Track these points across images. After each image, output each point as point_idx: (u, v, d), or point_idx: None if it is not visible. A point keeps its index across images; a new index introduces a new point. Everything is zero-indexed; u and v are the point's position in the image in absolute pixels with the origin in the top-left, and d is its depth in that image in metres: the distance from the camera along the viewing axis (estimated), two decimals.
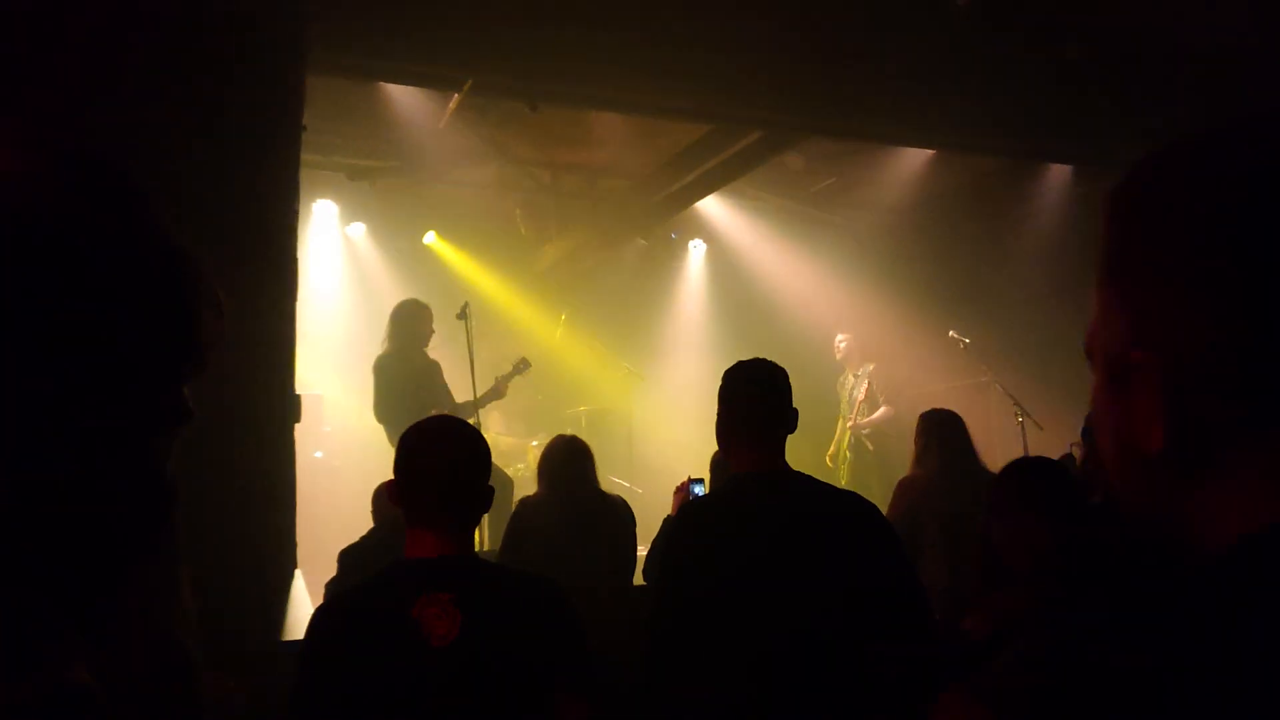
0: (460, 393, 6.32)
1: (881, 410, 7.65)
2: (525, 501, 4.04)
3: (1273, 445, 0.53)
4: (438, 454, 1.88)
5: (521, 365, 6.61)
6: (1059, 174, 7.61)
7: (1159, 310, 0.57)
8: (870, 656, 2.01)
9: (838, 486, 2.49)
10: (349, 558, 3.88)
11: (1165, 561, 0.56)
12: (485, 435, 5.53)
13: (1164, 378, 0.56)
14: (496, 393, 6.49)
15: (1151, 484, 0.58)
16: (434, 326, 6.31)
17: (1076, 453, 3.73)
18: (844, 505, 2.34)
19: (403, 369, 5.96)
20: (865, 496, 2.45)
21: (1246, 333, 0.52)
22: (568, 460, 4.01)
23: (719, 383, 2.47)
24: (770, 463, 2.34)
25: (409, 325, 6.13)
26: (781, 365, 2.45)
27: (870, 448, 7.66)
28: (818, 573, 2.16)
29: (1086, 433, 3.54)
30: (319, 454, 7.46)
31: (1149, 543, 0.58)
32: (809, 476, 2.38)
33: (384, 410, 6.00)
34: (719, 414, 2.43)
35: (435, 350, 7.44)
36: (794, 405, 2.42)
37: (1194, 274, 0.55)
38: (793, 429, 2.41)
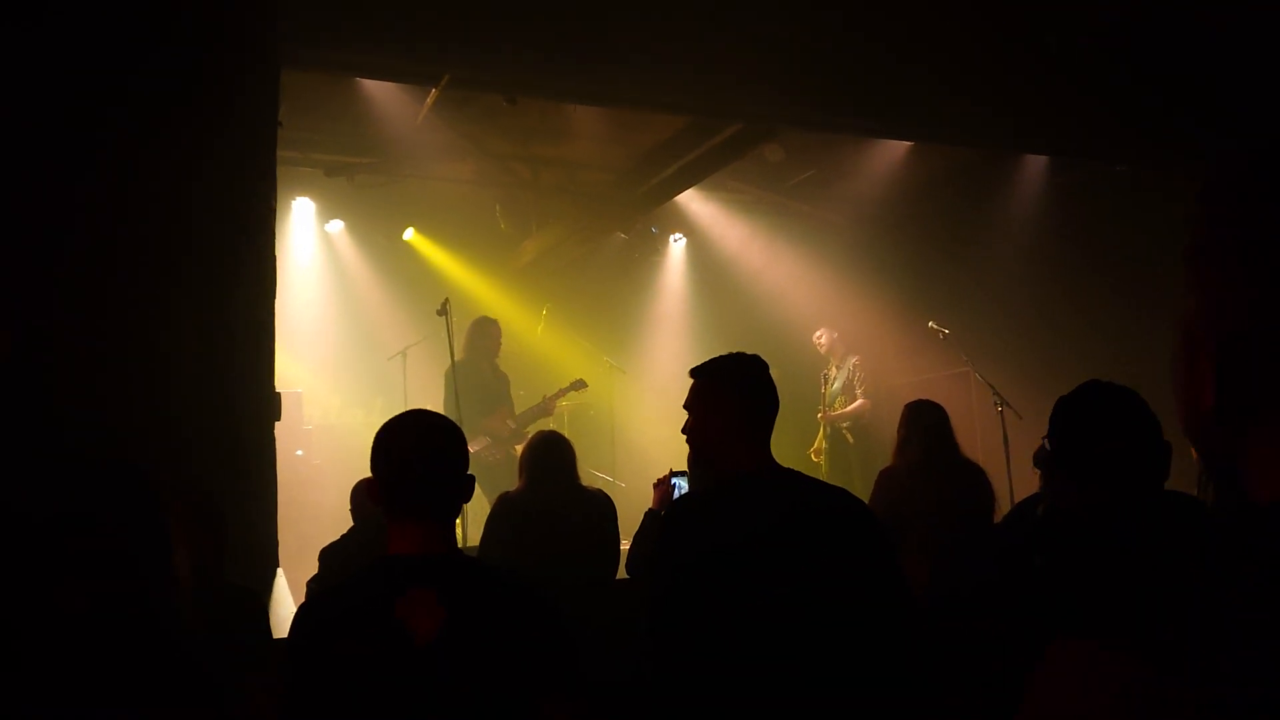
0: (437, 391, 6.55)
1: (857, 403, 7.69)
2: (505, 496, 4.03)
3: None
4: (415, 446, 1.86)
5: (578, 384, 7.20)
6: (1036, 164, 7.66)
7: (1219, 293, 0.68)
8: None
9: (829, 483, 2.47)
10: (330, 556, 3.87)
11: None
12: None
13: (1217, 350, 0.68)
14: (544, 410, 7.04)
15: (1209, 436, 0.70)
16: (500, 340, 7.07)
17: (1049, 445, 3.78)
18: (837, 503, 2.32)
19: (468, 377, 6.50)
20: (846, 489, 2.44)
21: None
22: (549, 455, 4.01)
23: None
24: (764, 459, 2.31)
25: (474, 338, 6.89)
26: (763, 358, 2.42)
27: (851, 440, 7.69)
28: (814, 572, 2.15)
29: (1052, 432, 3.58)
30: (300, 452, 7.42)
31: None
32: (801, 474, 2.37)
33: (447, 414, 6.29)
34: (703, 411, 2.36)
35: (416, 347, 7.45)
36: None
37: (1245, 267, 0.66)
38: (775, 417, 2.38)
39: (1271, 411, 0.65)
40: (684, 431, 2.40)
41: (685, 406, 2.40)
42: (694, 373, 2.41)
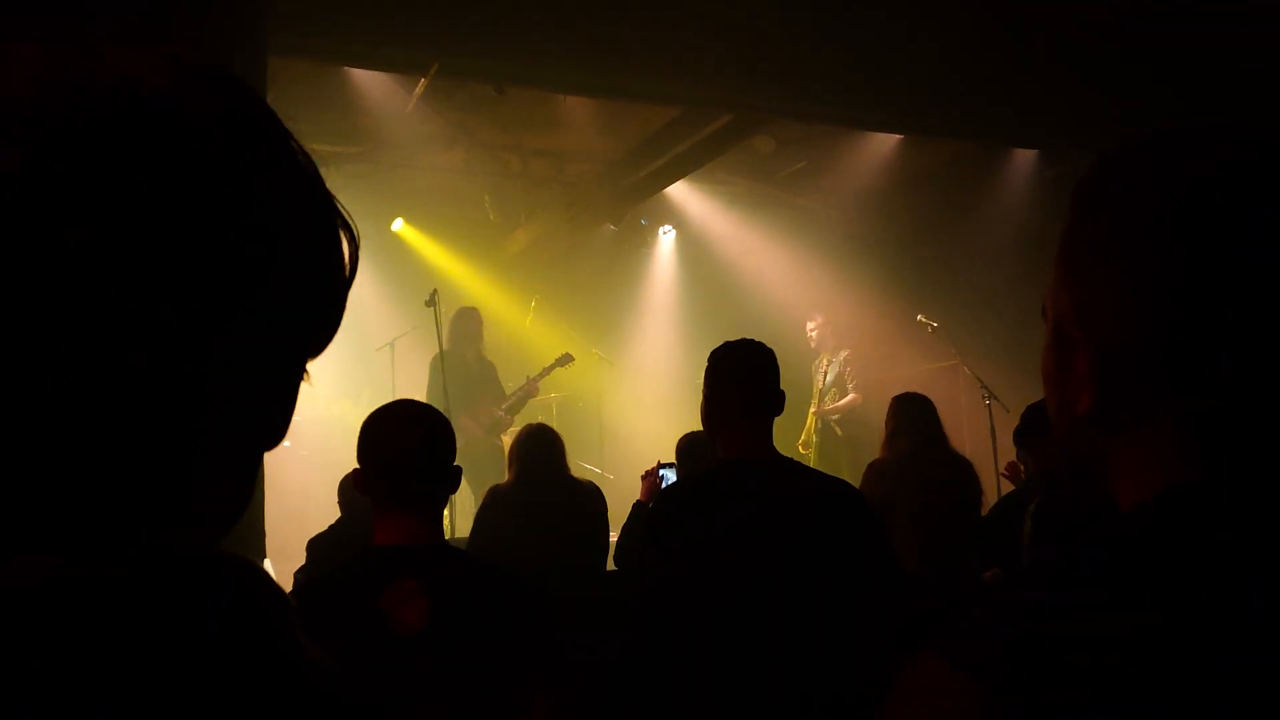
0: (425, 382, 6.62)
1: (849, 397, 7.70)
2: (495, 489, 4.02)
3: (1176, 419, 0.63)
4: (401, 437, 1.86)
5: (564, 359, 7.20)
6: (1026, 158, 7.67)
7: (1093, 294, 0.67)
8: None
9: (822, 472, 2.47)
10: (318, 547, 3.85)
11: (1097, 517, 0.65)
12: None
13: (1092, 352, 0.67)
14: (529, 391, 7.06)
15: (1082, 440, 0.69)
16: (481, 329, 7.17)
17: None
18: (833, 493, 2.31)
19: (453, 367, 6.56)
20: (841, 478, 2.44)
21: (1156, 324, 0.63)
22: (538, 448, 4.00)
23: (690, 368, 2.44)
24: (760, 448, 2.30)
25: (456, 327, 6.97)
26: (767, 346, 2.40)
27: (839, 433, 7.70)
28: (809, 560, 2.15)
29: (1021, 434, 3.63)
30: (287, 443, 7.35)
31: (1090, 499, 0.69)
32: (798, 463, 2.36)
33: (433, 404, 6.34)
34: (706, 397, 2.36)
35: (405, 338, 7.44)
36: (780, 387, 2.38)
37: (1119, 269, 0.65)
38: (780, 411, 2.36)
39: (1139, 419, 0.65)
40: None
41: None
42: None
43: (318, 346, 0.61)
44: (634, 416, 8.93)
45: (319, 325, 0.61)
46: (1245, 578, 0.55)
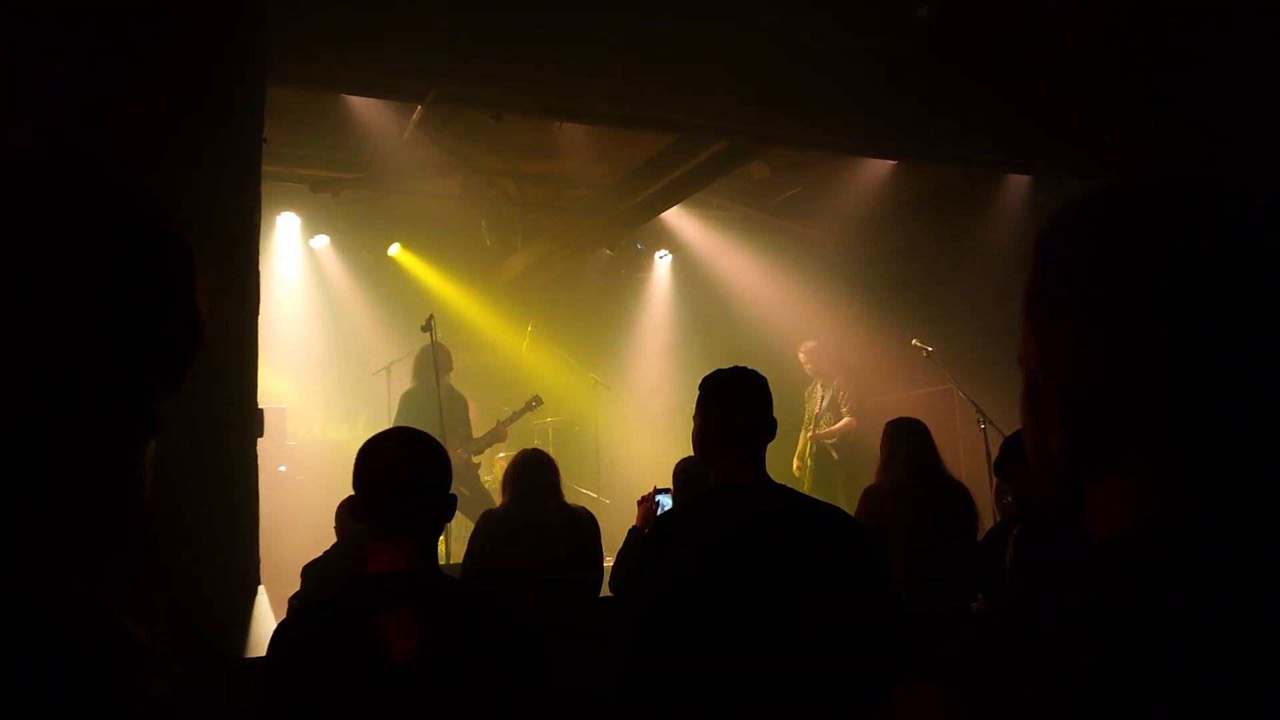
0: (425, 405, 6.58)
1: (843, 421, 7.71)
2: (489, 514, 4.02)
3: (1140, 459, 0.66)
4: (397, 464, 1.86)
5: (534, 403, 7.10)
6: (1018, 184, 7.72)
7: (1057, 344, 0.70)
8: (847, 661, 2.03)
9: (816, 499, 2.46)
10: (313, 573, 3.84)
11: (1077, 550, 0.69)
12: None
13: (1060, 399, 0.70)
14: (496, 435, 6.98)
15: (1057, 480, 0.72)
16: (451, 362, 6.95)
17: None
18: (829, 519, 2.31)
19: (423, 399, 6.52)
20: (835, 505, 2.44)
21: (1118, 372, 0.66)
22: (532, 473, 4.00)
23: (686, 393, 2.44)
24: (753, 474, 2.30)
25: (425, 359, 6.75)
26: (759, 373, 2.41)
27: (835, 457, 7.70)
28: (803, 587, 2.15)
29: (1001, 465, 3.65)
30: (283, 468, 7.38)
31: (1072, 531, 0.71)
32: (792, 489, 2.37)
33: None
34: (698, 424, 2.37)
35: (401, 362, 7.43)
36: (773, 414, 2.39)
37: (1081, 320, 0.68)
38: (772, 438, 2.37)
39: (1110, 460, 0.68)
40: None
41: None
42: None
43: (164, 383, 0.64)
44: (630, 441, 8.93)
45: (153, 362, 0.63)
46: (1213, 609, 0.58)
